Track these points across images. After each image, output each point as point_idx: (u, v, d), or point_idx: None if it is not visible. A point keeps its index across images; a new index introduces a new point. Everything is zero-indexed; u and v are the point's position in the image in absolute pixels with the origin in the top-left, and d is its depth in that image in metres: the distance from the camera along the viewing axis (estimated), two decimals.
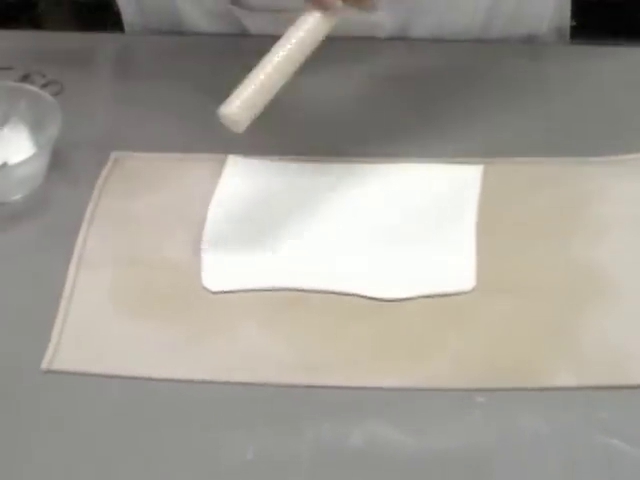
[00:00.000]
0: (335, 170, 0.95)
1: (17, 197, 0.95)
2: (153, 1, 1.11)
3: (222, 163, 0.96)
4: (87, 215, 0.92)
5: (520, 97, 1.01)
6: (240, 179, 0.94)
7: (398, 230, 0.89)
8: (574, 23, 1.12)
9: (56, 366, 0.81)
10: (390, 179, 0.94)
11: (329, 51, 1.00)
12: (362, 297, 0.84)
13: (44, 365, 0.81)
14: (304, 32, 0.83)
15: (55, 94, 1.00)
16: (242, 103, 0.81)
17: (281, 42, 0.83)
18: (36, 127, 0.96)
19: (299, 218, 0.91)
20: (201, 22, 1.10)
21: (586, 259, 0.86)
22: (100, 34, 1.14)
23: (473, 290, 0.84)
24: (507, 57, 1.06)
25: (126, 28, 1.16)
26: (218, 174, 0.95)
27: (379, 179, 0.94)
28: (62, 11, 2.14)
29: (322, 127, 0.99)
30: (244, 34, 1.10)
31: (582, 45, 1.09)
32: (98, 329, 0.84)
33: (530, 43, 1.09)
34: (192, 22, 1.10)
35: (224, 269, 0.87)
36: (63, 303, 0.85)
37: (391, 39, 1.09)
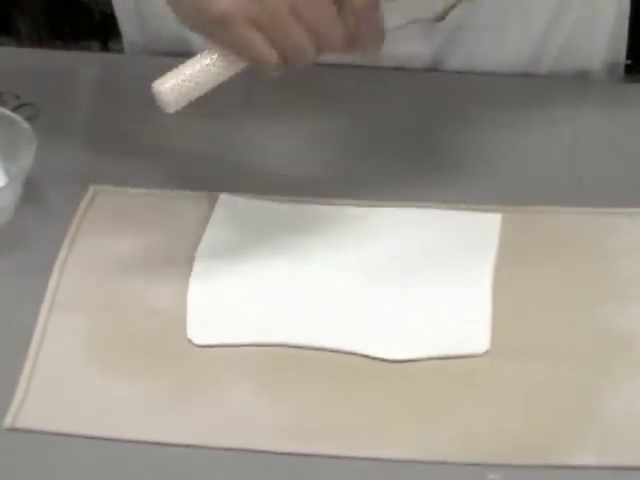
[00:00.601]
0: (337, 213, 0.90)
1: None
2: (155, 20, 1.06)
3: (210, 201, 0.91)
4: (62, 254, 0.87)
5: (549, 138, 0.97)
6: (231, 221, 0.90)
7: (406, 283, 0.84)
8: (629, 62, 1.09)
9: (20, 423, 0.76)
10: (399, 226, 0.89)
11: (350, 81, 0.97)
12: (363, 356, 0.79)
13: (7, 422, 0.76)
14: None
15: (29, 118, 0.95)
16: (179, 85, 0.77)
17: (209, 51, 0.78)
18: (7, 154, 0.91)
19: (294, 266, 0.86)
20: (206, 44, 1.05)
21: (613, 323, 0.81)
22: (81, 53, 1.13)
23: (487, 353, 0.79)
24: (543, 93, 1.01)
25: (126, 48, 1.12)
26: (206, 214, 0.90)
27: (386, 225, 0.89)
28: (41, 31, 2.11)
29: (327, 164, 0.95)
30: None
31: (635, 84, 1.05)
32: (69, 382, 0.79)
33: (581, 79, 1.05)
34: (196, 43, 1.04)
35: (211, 320, 0.82)
36: (31, 351, 0.80)
37: (427, 70, 1.05)
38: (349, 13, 0.74)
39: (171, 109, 0.78)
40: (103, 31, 2.02)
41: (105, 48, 2.03)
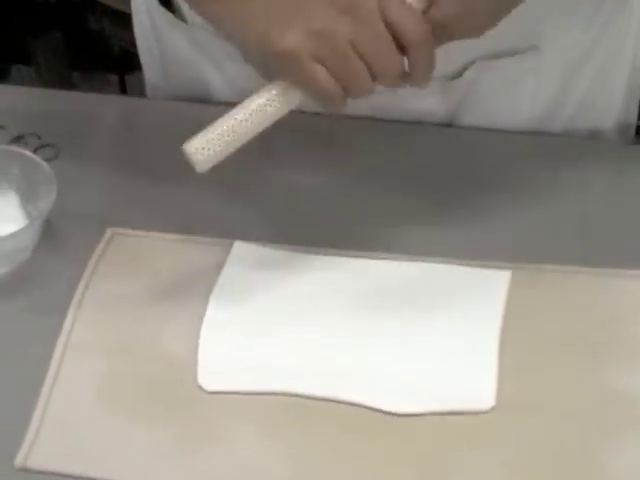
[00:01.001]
0: (349, 265, 0.90)
1: (2, 270, 0.90)
2: (179, 67, 1.07)
3: (225, 248, 0.91)
4: (77, 294, 0.87)
5: (559, 197, 0.96)
6: (245, 268, 0.90)
7: (413, 336, 0.84)
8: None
9: (31, 463, 0.76)
10: (408, 279, 0.89)
11: (367, 133, 0.97)
12: (368, 409, 0.79)
13: (18, 461, 0.76)
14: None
15: (50, 159, 0.96)
16: (208, 143, 0.79)
17: (266, 89, 0.79)
18: (28, 195, 0.92)
19: (305, 317, 0.86)
20: (227, 92, 1.05)
21: (619, 385, 0.80)
22: (101, 95, 1.10)
23: (492, 410, 0.79)
24: (555, 152, 1.00)
25: (148, 91, 1.13)
26: (221, 260, 0.90)
27: (396, 278, 0.89)
28: (60, 62, 2.12)
29: (341, 214, 0.95)
30: None
31: None
32: (81, 424, 0.79)
33: (592, 140, 1.05)
34: (218, 92, 1.05)
35: (222, 367, 0.82)
36: (44, 391, 0.81)
37: (441, 125, 1.04)
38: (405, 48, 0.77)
39: (202, 168, 0.79)
40: (121, 65, 2.03)
41: (122, 81, 2.04)
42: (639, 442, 0.77)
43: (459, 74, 0.99)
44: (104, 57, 2.07)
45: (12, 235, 0.86)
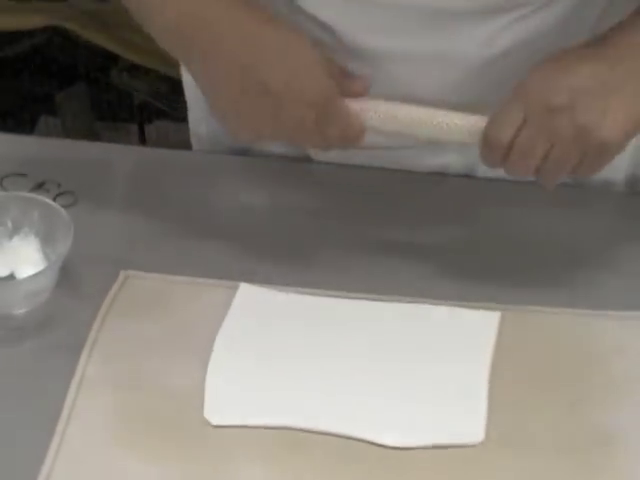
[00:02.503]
0: (350, 306, 0.93)
1: (21, 311, 0.93)
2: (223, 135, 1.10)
3: (233, 290, 0.94)
4: (92, 334, 0.90)
5: (550, 244, 1.00)
6: (250, 309, 0.93)
7: (407, 374, 0.88)
8: None
9: None
10: (403, 321, 0.92)
11: (382, 182, 1.03)
12: (366, 442, 0.82)
13: None
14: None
15: (69, 205, 1.00)
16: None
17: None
18: (47, 240, 0.95)
19: (308, 355, 0.89)
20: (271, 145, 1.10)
21: (602, 421, 0.84)
22: (119, 145, 1.13)
23: (481, 444, 0.82)
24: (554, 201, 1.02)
25: (194, 145, 1.17)
26: (229, 301, 0.93)
27: (391, 320, 0.92)
28: (85, 113, 2.17)
29: (344, 260, 0.98)
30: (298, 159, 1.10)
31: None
32: (94, 458, 0.82)
33: (605, 190, 1.07)
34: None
35: (227, 402, 0.86)
36: (59, 428, 0.83)
37: (457, 176, 1.08)
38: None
39: None
40: (141, 115, 2.09)
41: (142, 130, 2.09)
42: (618, 478, 0.80)
43: None
44: (125, 108, 2.12)
45: (31, 277, 0.90)
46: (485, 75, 0.96)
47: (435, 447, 0.82)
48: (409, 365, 0.88)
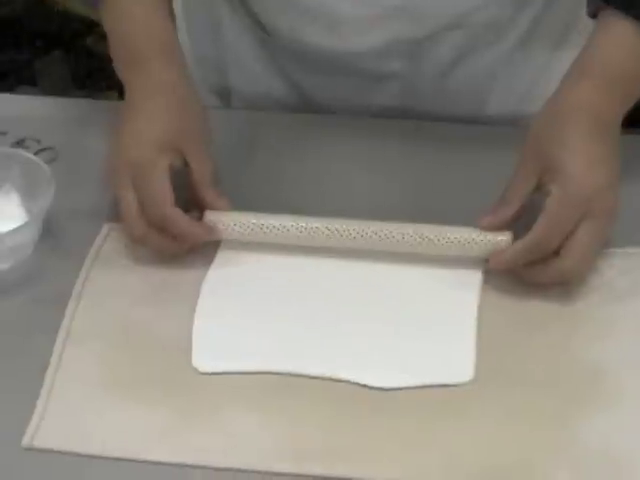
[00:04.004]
0: (337, 261, 0.93)
1: (5, 266, 0.93)
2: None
3: (218, 240, 0.93)
4: (77, 287, 0.91)
5: None
6: (236, 257, 0.93)
7: (396, 319, 0.88)
8: None
9: (37, 443, 0.80)
10: (390, 274, 0.92)
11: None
12: (355, 385, 0.83)
13: (25, 441, 0.79)
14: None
15: (50, 161, 0.99)
16: None
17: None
18: (28, 195, 0.95)
19: (294, 301, 0.89)
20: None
21: (589, 357, 0.84)
22: (98, 101, 1.13)
23: (471, 382, 0.83)
24: None
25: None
26: (214, 250, 0.93)
27: (380, 273, 0.92)
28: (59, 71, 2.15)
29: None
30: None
31: None
32: (83, 406, 0.82)
33: None
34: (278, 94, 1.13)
35: (215, 350, 0.86)
36: (48, 378, 0.84)
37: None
38: None
39: None
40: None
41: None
42: (605, 409, 0.80)
43: None
44: (105, 76, 2.11)
45: (13, 231, 0.89)
46: None
47: (424, 387, 0.82)
48: (396, 308, 0.89)
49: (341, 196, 0.99)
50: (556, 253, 0.86)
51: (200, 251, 0.93)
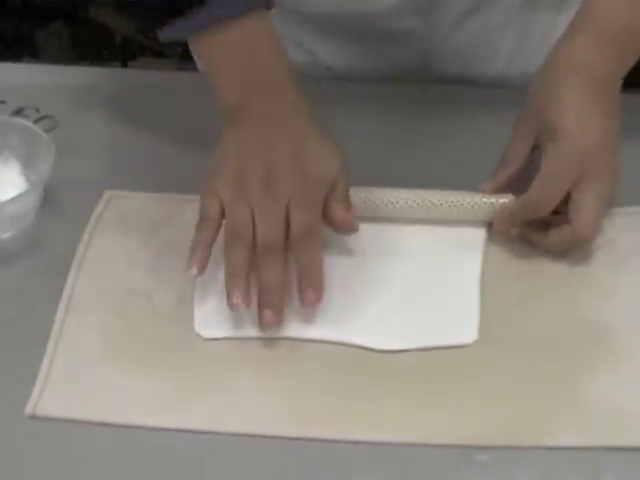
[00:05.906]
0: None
1: (6, 235, 0.92)
2: None
3: None
4: (78, 255, 0.90)
5: None
6: None
7: (398, 281, 0.87)
8: None
9: (40, 411, 0.79)
10: (389, 235, 0.91)
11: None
12: (359, 348, 0.83)
13: (28, 410, 0.79)
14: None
15: (49, 129, 0.99)
16: None
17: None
18: (28, 163, 0.94)
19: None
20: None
21: (594, 316, 0.84)
22: (96, 69, 1.12)
23: (475, 343, 0.82)
24: None
25: None
26: None
27: (377, 234, 0.91)
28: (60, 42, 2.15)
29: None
30: None
31: None
32: (86, 374, 0.82)
33: None
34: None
35: (217, 315, 0.85)
36: (50, 346, 0.83)
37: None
38: None
39: None
40: (123, 51, 2.07)
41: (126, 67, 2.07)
42: (609, 369, 0.80)
43: None
44: (107, 46, 2.11)
45: (13, 199, 0.89)
46: None
47: (428, 349, 0.82)
48: (398, 271, 0.88)
49: None
50: (565, 219, 0.86)
51: None
